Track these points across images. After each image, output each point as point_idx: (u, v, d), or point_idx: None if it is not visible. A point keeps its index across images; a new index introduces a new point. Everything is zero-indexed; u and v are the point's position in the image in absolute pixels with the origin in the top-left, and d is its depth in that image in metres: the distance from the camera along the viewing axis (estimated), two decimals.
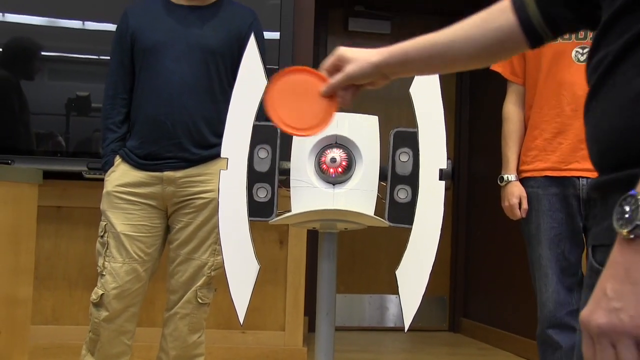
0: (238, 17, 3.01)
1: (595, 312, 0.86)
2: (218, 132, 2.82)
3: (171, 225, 2.95)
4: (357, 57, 1.45)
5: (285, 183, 2.32)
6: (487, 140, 5.78)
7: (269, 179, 2.32)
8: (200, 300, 2.91)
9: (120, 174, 2.89)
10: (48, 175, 3.09)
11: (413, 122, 2.34)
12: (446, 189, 2.37)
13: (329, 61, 1.51)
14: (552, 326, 2.87)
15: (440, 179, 2.36)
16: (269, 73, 2.42)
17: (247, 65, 2.40)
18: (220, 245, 2.82)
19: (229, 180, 2.32)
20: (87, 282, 4.05)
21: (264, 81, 2.36)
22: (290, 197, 2.29)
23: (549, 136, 2.95)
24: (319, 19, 4.96)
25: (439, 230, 2.33)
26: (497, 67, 3.12)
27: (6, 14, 4.04)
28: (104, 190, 2.90)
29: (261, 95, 2.37)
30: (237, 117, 2.35)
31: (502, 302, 5.49)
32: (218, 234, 2.85)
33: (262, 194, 2.32)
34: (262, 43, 2.92)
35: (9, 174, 2.50)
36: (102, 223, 2.89)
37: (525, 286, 5.02)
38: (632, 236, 0.83)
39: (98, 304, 2.82)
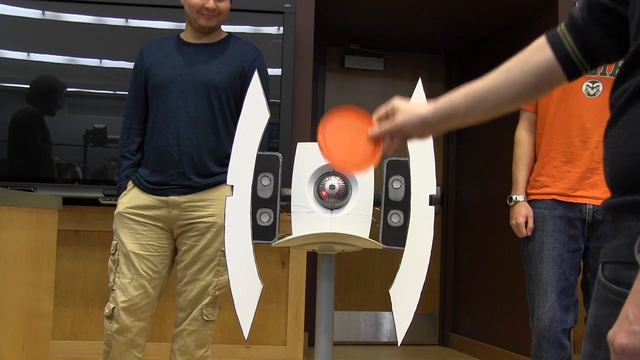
0: (242, 54, 3.03)
1: (618, 333, 0.88)
2: (220, 162, 2.91)
3: (178, 247, 2.96)
4: (407, 109, 1.44)
5: (287, 208, 2.32)
6: (474, 168, 5.79)
7: (271, 204, 2.32)
8: (205, 318, 2.91)
9: (131, 197, 2.92)
10: (67, 201, 3.09)
11: (405, 152, 2.35)
12: (436, 214, 2.37)
13: (382, 109, 1.50)
14: (545, 340, 2.84)
15: (430, 204, 2.35)
16: (272, 106, 2.43)
17: (251, 99, 2.40)
18: (223, 266, 2.85)
19: (234, 206, 2.32)
20: (103, 300, 4.02)
21: (266, 114, 2.37)
22: (291, 221, 2.29)
23: (558, 164, 2.94)
24: (317, 57, 4.98)
25: (429, 251, 2.33)
26: None
27: (31, 54, 4.06)
28: (116, 211, 2.93)
29: (264, 126, 2.38)
30: (242, 147, 2.36)
31: (488, 318, 5.47)
32: (221, 256, 2.88)
33: (265, 219, 2.32)
34: (265, 78, 2.95)
35: (32, 200, 2.50)
36: (114, 242, 2.91)
37: (509, 303, 5.02)
38: None
39: (110, 317, 2.84)
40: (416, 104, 1.45)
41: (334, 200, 2.27)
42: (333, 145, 1.50)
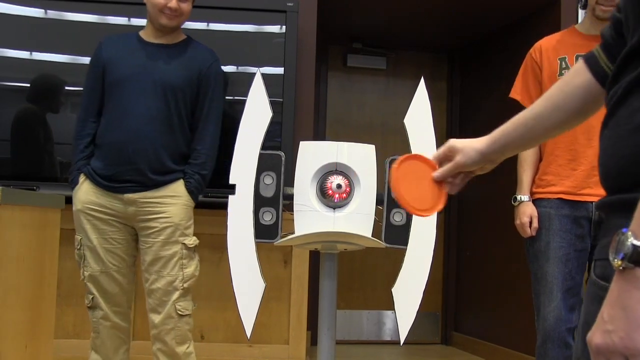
0: (201, 58, 3.11)
1: (594, 333, 0.91)
2: (175, 160, 3.02)
3: (140, 248, 3.05)
4: (465, 148, 1.48)
5: (289, 207, 2.32)
6: None
7: (274, 203, 2.32)
8: (180, 313, 2.98)
9: (86, 192, 3.00)
10: (70, 200, 3.09)
11: (407, 150, 2.35)
12: (438, 213, 2.37)
13: (440, 151, 1.54)
14: (551, 340, 2.83)
15: None
16: (274, 105, 2.43)
17: (253, 99, 2.40)
18: (186, 259, 2.98)
19: (236, 205, 2.32)
20: None
21: (269, 113, 2.37)
22: (293, 220, 2.29)
23: (563, 162, 2.93)
24: (319, 56, 4.98)
25: (431, 250, 2.33)
26: (515, 95, 3.10)
27: (33, 53, 4.06)
28: (74, 208, 3.00)
29: (266, 125, 2.37)
30: (245, 146, 2.36)
31: (490, 317, 5.47)
32: (183, 249, 2.97)
33: (267, 218, 2.32)
34: (220, 82, 3.15)
35: (34, 199, 2.50)
36: (77, 237, 3.01)
37: (512, 302, 5.01)
38: (622, 267, 0.88)
39: (92, 307, 3.01)
40: (472, 140, 1.49)
41: (340, 199, 2.27)
42: (407, 194, 1.58)
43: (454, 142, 1.51)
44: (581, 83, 1.30)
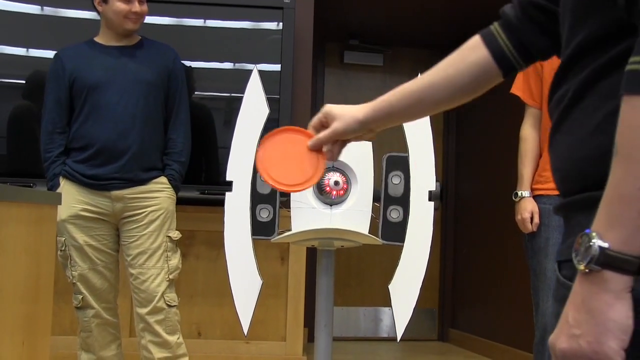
0: (163, 54, 3.21)
1: (559, 337, 0.89)
2: (159, 155, 3.12)
3: (122, 244, 3.10)
4: (343, 115, 1.40)
5: (286, 204, 2.32)
6: (473, 163, 5.79)
7: (271, 200, 2.32)
8: (169, 304, 3.03)
9: (70, 194, 3.02)
10: None
11: (404, 148, 2.35)
12: (435, 209, 2.37)
13: (315, 118, 1.44)
14: (549, 336, 2.83)
15: (430, 200, 2.36)
16: (271, 102, 2.43)
17: (249, 96, 2.40)
18: (171, 251, 3.05)
19: (233, 202, 2.32)
20: None
21: (266, 110, 2.37)
22: (290, 217, 2.29)
23: None
24: (316, 52, 4.98)
25: (428, 247, 2.33)
26: (516, 91, 3.09)
27: (29, 50, 4.05)
28: (59, 218, 2.98)
29: (263, 122, 2.37)
30: (242, 144, 2.36)
31: (487, 313, 5.48)
32: (168, 242, 3.04)
33: (264, 215, 2.32)
34: (183, 72, 3.25)
35: (31, 196, 2.49)
36: (61, 238, 3.04)
37: (509, 298, 5.02)
38: (587, 270, 0.85)
39: (82, 307, 3.08)
40: (351, 107, 1.41)
41: (337, 196, 2.27)
42: (273, 166, 1.44)
43: (330, 107, 1.42)
44: (477, 60, 1.28)
